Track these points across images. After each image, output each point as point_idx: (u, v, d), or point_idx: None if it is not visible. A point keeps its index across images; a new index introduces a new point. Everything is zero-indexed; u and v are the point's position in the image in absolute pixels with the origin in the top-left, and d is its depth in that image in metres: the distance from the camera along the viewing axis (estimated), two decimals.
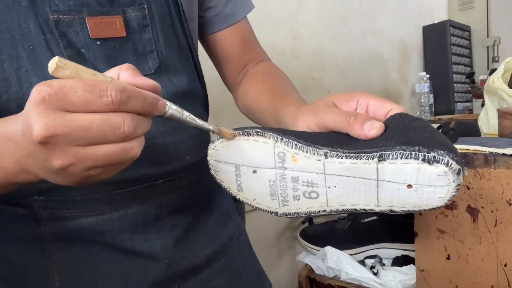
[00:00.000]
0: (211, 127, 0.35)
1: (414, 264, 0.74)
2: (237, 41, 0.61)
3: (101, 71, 0.42)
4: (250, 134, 0.35)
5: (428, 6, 2.29)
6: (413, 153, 0.28)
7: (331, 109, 0.37)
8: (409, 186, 0.29)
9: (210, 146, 0.37)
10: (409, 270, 0.85)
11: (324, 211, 0.34)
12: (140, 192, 0.45)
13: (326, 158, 0.32)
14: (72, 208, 0.43)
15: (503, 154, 0.57)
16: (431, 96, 2.17)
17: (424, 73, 2.13)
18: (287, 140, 0.33)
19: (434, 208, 0.30)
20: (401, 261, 0.92)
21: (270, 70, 0.60)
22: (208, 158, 0.38)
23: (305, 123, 0.38)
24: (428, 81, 2.11)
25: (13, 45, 0.39)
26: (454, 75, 2.19)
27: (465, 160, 0.60)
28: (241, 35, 0.61)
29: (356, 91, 0.38)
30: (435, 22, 2.23)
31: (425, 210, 0.31)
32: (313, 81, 1.49)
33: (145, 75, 0.44)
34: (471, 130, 1.07)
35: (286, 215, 0.36)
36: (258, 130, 0.34)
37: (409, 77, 2.13)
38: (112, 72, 0.31)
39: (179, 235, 0.49)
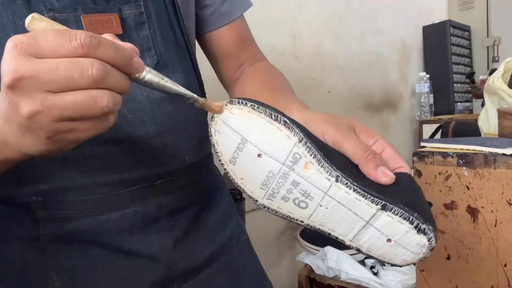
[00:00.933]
0: (195, 96, 0.33)
1: (414, 264, 0.74)
2: (233, 39, 0.60)
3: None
4: (277, 120, 0.33)
5: (428, 6, 2.29)
6: (411, 217, 0.30)
7: (353, 134, 0.37)
8: (389, 240, 0.32)
9: (226, 105, 0.34)
10: (409, 270, 0.85)
11: (302, 222, 0.35)
12: (139, 193, 0.45)
13: (336, 181, 0.32)
14: (70, 209, 0.43)
15: (503, 154, 0.57)
16: (431, 96, 2.17)
17: (424, 73, 2.13)
18: (310, 146, 0.32)
19: (390, 263, 0.34)
20: None
21: (268, 69, 0.59)
22: (215, 116, 0.35)
23: (322, 130, 0.37)
24: (428, 81, 2.11)
25: None
26: (454, 75, 2.19)
27: (465, 160, 0.60)
28: (238, 34, 0.61)
29: (375, 132, 0.39)
30: (435, 22, 2.23)
31: (383, 261, 0.34)
32: (313, 81, 1.49)
33: None
34: (471, 130, 1.07)
35: (264, 206, 0.35)
36: (286, 120, 0.33)
37: (409, 77, 2.13)
38: None
39: (178, 236, 0.49)
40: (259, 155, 0.34)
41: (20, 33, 0.38)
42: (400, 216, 0.31)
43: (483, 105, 0.92)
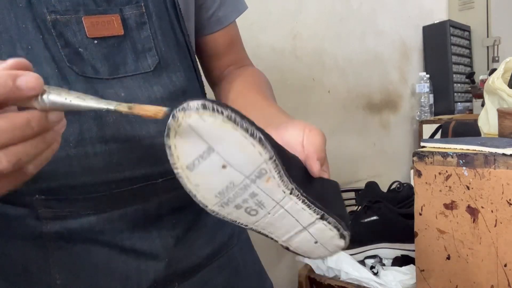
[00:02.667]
0: (111, 107, 0.28)
1: (414, 264, 0.74)
2: (225, 43, 0.61)
3: (99, 70, 0.43)
4: (253, 135, 0.31)
5: (428, 6, 2.29)
6: (339, 226, 0.35)
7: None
8: (316, 242, 0.37)
9: (197, 107, 0.29)
10: (409, 270, 0.85)
11: (246, 226, 0.36)
12: (140, 191, 0.45)
13: (290, 193, 0.34)
14: (73, 207, 0.43)
15: (503, 154, 0.57)
16: (431, 96, 2.17)
17: (424, 73, 2.13)
18: (277, 163, 0.32)
19: (309, 257, 0.40)
20: (401, 261, 0.92)
21: (255, 73, 0.60)
22: (180, 118, 0.30)
23: (296, 132, 0.39)
24: (428, 81, 2.11)
25: (12, 45, 0.39)
26: (454, 75, 2.19)
27: (465, 160, 0.60)
28: (230, 38, 0.62)
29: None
30: (435, 22, 2.23)
31: (302, 256, 0.39)
32: (313, 81, 1.49)
33: (144, 73, 0.45)
34: (471, 130, 1.07)
35: (212, 212, 0.35)
36: (262, 137, 0.31)
37: (409, 77, 2.13)
38: None
39: (179, 234, 0.49)
40: (223, 166, 0.32)
41: (24, 36, 0.39)
42: (332, 225, 0.35)
43: (483, 105, 0.92)
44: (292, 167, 0.35)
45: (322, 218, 0.35)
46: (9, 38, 0.39)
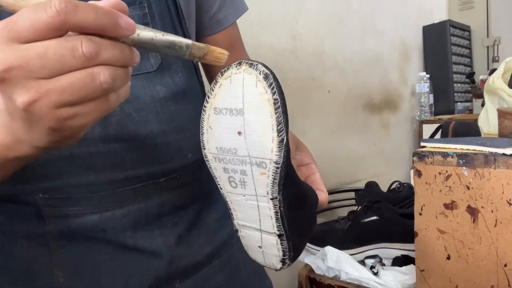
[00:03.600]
0: (189, 42, 0.30)
1: (414, 264, 0.74)
2: (226, 44, 0.62)
3: None
4: (279, 133, 0.31)
5: (428, 6, 2.29)
6: (287, 254, 0.38)
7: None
8: (261, 247, 0.39)
9: (261, 71, 0.31)
10: (409, 270, 0.85)
11: (221, 189, 0.39)
12: (143, 190, 0.46)
13: (271, 199, 0.36)
14: (76, 205, 0.44)
15: (503, 154, 0.57)
16: (431, 96, 2.16)
17: (424, 73, 2.13)
18: (279, 171, 0.34)
19: (246, 250, 0.42)
20: (401, 261, 0.92)
21: None
22: (244, 67, 0.32)
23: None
24: (428, 81, 2.11)
25: None
26: (454, 75, 2.19)
27: (465, 160, 0.60)
28: (230, 39, 0.62)
29: (311, 157, 0.46)
30: (435, 22, 2.23)
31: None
32: (313, 81, 1.49)
33: (147, 73, 0.46)
34: (471, 130, 1.07)
35: (205, 157, 0.37)
36: (284, 140, 0.32)
37: (409, 77, 2.13)
38: None
39: (181, 232, 0.50)
40: (239, 133, 0.33)
41: None
42: (282, 248, 0.37)
43: (483, 105, 0.92)
44: (290, 186, 0.36)
45: (279, 236, 0.37)
46: None
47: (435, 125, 1.51)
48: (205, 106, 0.35)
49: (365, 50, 1.76)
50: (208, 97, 0.34)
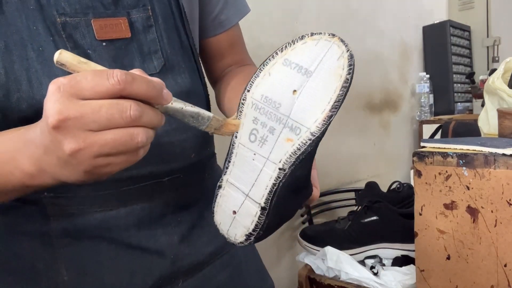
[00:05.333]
0: (210, 115, 0.34)
1: (414, 264, 0.74)
2: (227, 45, 0.62)
3: None
4: (332, 112, 0.33)
5: (428, 6, 2.29)
6: (255, 231, 0.36)
7: None
8: (235, 213, 0.38)
9: (345, 45, 0.33)
10: (409, 270, 0.85)
11: (235, 137, 0.38)
12: (146, 189, 0.47)
13: (279, 168, 0.35)
14: (80, 204, 0.44)
15: (503, 154, 0.57)
16: (431, 96, 2.17)
17: (424, 73, 2.13)
18: (307, 144, 0.34)
19: (213, 215, 0.41)
20: (401, 261, 0.92)
21: (253, 69, 0.61)
22: (336, 39, 0.34)
23: None
24: (428, 81, 2.11)
25: (23, 46, 0.40)
26: (454, 75, 2.19)
27: (465, 160, 0.60)
28: (232, 40, 0.62)
29: None
30: (435, 22, 2.23)
31: (212, 211, 0.40)
32: None
33: (150, 75, 0.46)
34: (471, 130, 1.07)
35: (244, 98, 0.37)
36: (330, 120, 0.33)
37: (409, 77, 2.13)
38: None
39: (184, 232, 0.50)
40: (294, 91, 0.34)
41: (35, 38, 0.40)
42: (255, 223, 0.36)
43: (483, 105, 0.92)
44: (302, 167, 0.35)
45: (262, 209, 0.35)
46: (21, 40, 0.40)
47: (435, 125, 1.50)
48: (274, 54, 0.36)
49: (365, 50, 1.75)
50: (283, 49, 0.36)
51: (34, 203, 0.44)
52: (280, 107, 0.35)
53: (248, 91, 0.37)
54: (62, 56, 0.30)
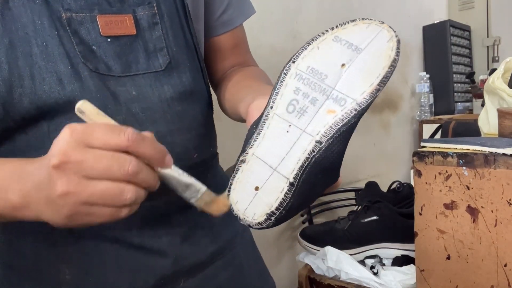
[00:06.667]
0: (203, 189, 0.35)
1: (414, 264, 0.74)
2: (230, 46, 0.62)
3: (112, 67, 0.44)
4: (380, 86, 0.33)
5: (428, 6, 2.29)
6: (278, 211, 0.34)
7: None
8: (257, 189, 0.35)
9: (393, 33, 0.34)
10: (409, 270, 0.85)
11: (271, 108, 0.36)
12: None
13: (315, 141, 0.33)
14: None
15: (503, 154, 0.57)
16: (431, 96, 2.16)
17: (424, 73, 2.13)
18: (353, 118, 0.33)
19: (230, 193, 0.37)
20: (401, 261, 0.92)
21: (255, 69, 0.61)
22: (386, 26, 0.34)
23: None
24: (428, 81, 2.11)
25: (27, 42, 0.40)
26: (454, 75, 2.19)
27: (465, 160, 0.60)
28: (235, 41, 0.62)
29: None
30: (435, 22, 2.23)
31: (229, 189, 0.37)
32: None
33: (155, 72, 0.46)
34: (471, 130, 1.07)
35: (289, 67, 0.36)
36: (378, 91, 0.33)
37: (409, 77, 2.13)
38: None
39: (186, 232, 0.50)
40: (342, 65, 0.34)
41: (39, 33, 0.41)
42: (283, 197, 0.33)
43: (483, 105, 0.92)
44: (339, 143, 0.34)
45: (290, 185, 0.33)
46: (25, 35, 0.40)
47: (435, 125, 1.50)
48: (325, 32, 0.36)
49: None
50: (333, 28, 0.36)
51: None
52: (326, 79, 0.34)
53: (294, 62, 0.36)
54: (85, 105, 0.31)
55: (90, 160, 0.29)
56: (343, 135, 0.33)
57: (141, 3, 0.46)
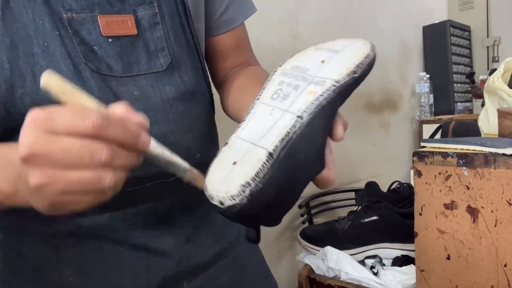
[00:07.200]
0: (186, 167, 0.35)
1: (414, 264, 0.74)
2: (232, 45, 0.61)
3: (113, 67, 0.44)
4: (353, 74, 0.36)
5: (428, 6, 2.29)
6: (254, 182, 0.31)
7: None
8: (235, 163, 0.34)
9: (366, 45, 0.39)
10: (409, 270, 0.85)
11: (258, 98, 0.38)
12: (152, 190, 0.46)
13: (297, 116, 0.33)
14: None
15: (503, 154, 0.57)
16: (431, 96, 2.16)
17: (424, 73, 2.13)
18: (332, 93, 0.34)
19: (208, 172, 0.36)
20: (401, 261, 0.92)
21: (257, 69, 0.61)
22: (365, 43, 0.40)
23: None
24: (428, 81, 2.11)
25: (28, 42, 0.40)
26: (454, 75, 2.19)
27: (465, 160, 0.60)
28: (237, 40, 0.62)
29: None
30: (435, 22, 2.23)
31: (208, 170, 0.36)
32: None
33: (157, 72, 0.46)
34: (471, 130, 1.07)
35: (275, 70, 0.40)
36: (354, 77, 0.36)
37: (409, 77, 2.13)
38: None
39: (189, 233, 0.50)
40: (322, 61, 0.38)
41: (41, 32, 0.41)
42: (260, 167, 0.31)
43: (483, 105, 0.92)
44: (323, 119, 0.34)
45: (268, 155, 0.31)
46: (26, 35, 0.40)
47: (435, 125, 1.50)
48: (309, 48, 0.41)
49: None
50: (316, 44, 0.41)
51: None
52: (308, 71, 0.37)
53: (280, 66, 0.40)
54: (50, 80, 0.29)
55: (58, 152, 0.27)
56: (324, 111, 0.33)
57: (142, 3, 0.46)
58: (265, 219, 0.34)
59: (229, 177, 0.32)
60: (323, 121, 0.34)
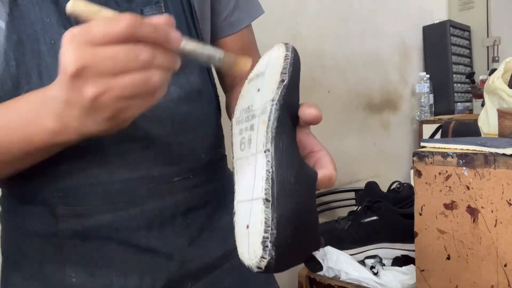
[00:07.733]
0: (221, 54, 0.34)
1: (414, 264, 0.74)
2: (238, 48, 0.61)
3: None
4: (281, 82, 0.35)
5: (428, 6, 2.29)
6: (270, 228, 0.31)
7: None
8: (248, 227, 0.34)
9: (287, 47, 0.37)
10: (409, 270, 0.85)
11: (234, 157, 0.39)
12: (156, 190, 0.46)
13: (263, 152, 0.34)
14: (90, 204, 0.44)
15: (503, 154, 0.57)
16: (431, 96, 2.16)
17: (424, 73, 2.13)
18: (277, 108, 0.34)
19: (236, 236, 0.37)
20: (401, 261, 0.92)
21: None
22: (281, 46, 0.38)
23: None
24: (428, 81, 2.11)
25: (35, 40, 0.40)
26: (454, 75, 2.19)
27: (465, 160, 0.60)
28: (243, 43, 0.62)
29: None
30: (435, 22, 2.23)
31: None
32: (313, 81, 1.49)
33: None
34: (471, 130, 1.07)
35: (232, 125, 0.41)
36: (284, 90, 0.35)
37: (409, 77, 2.13)
38: None
39: (193, 234, 0.50)
40: (258, 90, 0.38)
41: (48, 30, 0.41)
42: (265, 216, 0.31)
43: (483, 105, 0.92)
44: (282, 137, 0.34)
45: (265, 201, 0.31)
46: (33, 33, 0.40)
47: (435, 125, 1.50)
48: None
49: (365, 50, 1.75)
50: (249, 75, 0.41)
51: (43, 203, 0.44)
52: (252, 106, 0.38)
53: (233, 117, 0.41)
54: (76, 5, 0.30)
55: (105, 60, 0.29)
56: (280, 129, 0.34)
57: (148, 2, 0.46)
58: (306, 248, 0.34)
59: (250, 242, 0.33)
60: (286, 137, 0.34)
